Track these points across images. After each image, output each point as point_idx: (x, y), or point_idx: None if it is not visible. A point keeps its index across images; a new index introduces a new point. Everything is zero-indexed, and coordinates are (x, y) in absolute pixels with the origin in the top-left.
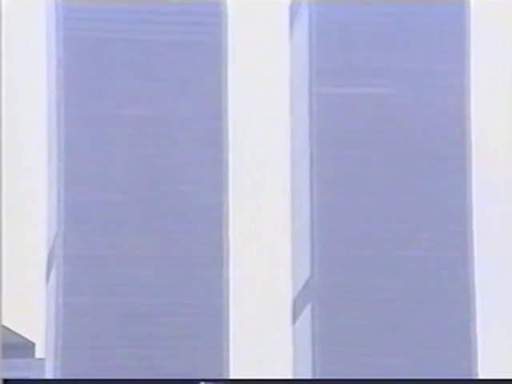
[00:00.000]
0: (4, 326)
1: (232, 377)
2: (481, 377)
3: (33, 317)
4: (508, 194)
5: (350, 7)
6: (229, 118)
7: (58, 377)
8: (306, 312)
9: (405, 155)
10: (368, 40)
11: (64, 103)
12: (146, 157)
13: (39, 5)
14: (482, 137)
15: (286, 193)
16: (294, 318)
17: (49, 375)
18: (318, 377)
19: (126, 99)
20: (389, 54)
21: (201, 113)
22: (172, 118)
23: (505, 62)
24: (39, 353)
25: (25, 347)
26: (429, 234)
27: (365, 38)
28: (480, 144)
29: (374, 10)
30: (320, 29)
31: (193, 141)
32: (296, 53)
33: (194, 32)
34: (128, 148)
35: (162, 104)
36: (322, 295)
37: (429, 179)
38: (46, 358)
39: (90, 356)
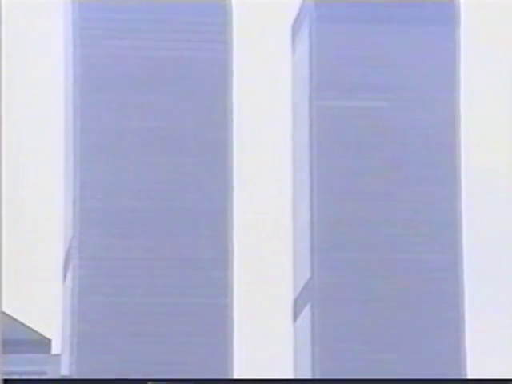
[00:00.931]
0: (22, 323)
1: (236, 372)
2: (469, 371)
3: (49, 315)
4: (496, 200)
5: (347, 27)
6: (234, 128)
7: (74, 371)
8: (306, 311)
9: (398, 164)
10: (364, 57)
11: (80, 116)
12: (156, 165)
13: (58, 25)
14: (470, 147)
15: (288, 199)
16: (295, 316)
17: (64, 370)
18: (317, 372)
19: (137, 112)
20: (384, 70)
21: (207, 124)
22: (180, 128)
23: (492, 79)
24: (55, 349)
25: (42, 343)
26: (421, 238)
27: (361, 56)
28: (469, 153)
29: (370, 30)
30: (320, 46)
31: (199, 150)
32: (298, 68)
33: (202, 49)
34: (139, 157)
35: (170, 116)
36: (322, 296)
37: (421, 187)
38: (62, 354)
39: (104, 351)
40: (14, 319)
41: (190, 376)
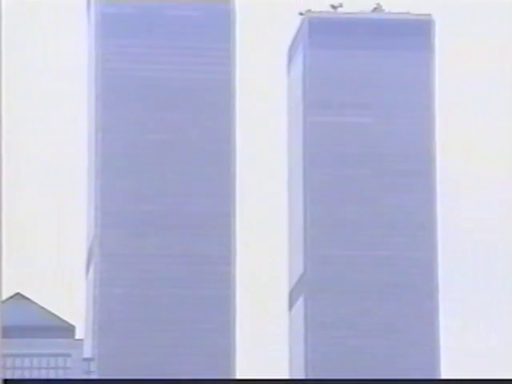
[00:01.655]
0: (50, 312)
1: (238, 355)
2: (442, 354)
3: (74, 304)
4: (467, 203)
5: (336, 53)
6: (236, 141)
7: (95, 354)
8: (300, 302)
9: (381, 172)
10: (351, 79)
11: (101, 130)
12: (167, 173)
13: (82, 49)
14: (444, 157)
15: (284, 203)
16: (290, 306)
17: (87, 353)
18: (309, 354)
19: (150, 126)
20: (368, 90)
21: (213, 137)
22: (189, 141)
23: (463, 98)
24: (79, 334)
25: (67, 329)
26: (401, 237)
27: (348, 78)
28: (444, 164)
29: (356, 56)
30: (312, 70)
31: (206, 160)
32: (293, 88)
33: (208, 71)
34: (152, 166)
35: (180, 130)
36: (313, 288)
37: (401, 192)
38: (85, 339)
39: (122, 336)
40: (43, 308)
41: (197, 357)
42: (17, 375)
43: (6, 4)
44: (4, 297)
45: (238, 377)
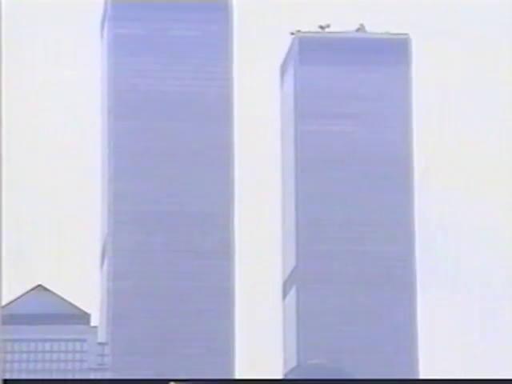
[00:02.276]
0: (68, 301)
1: (237, 340)
2: (419, 339)
3: (90, 295)
4: (441, 203)
5: (324, 68)
6: (234, 147)
7: (108, 339)
8: (293, 292)
9: (365, 175)
10: (337, 92)
11: (113, 138)
12: (171, 177)
13: (95, 66)
14: (421, 161)
15: (278, 205)
16: (284, 296)
17: (101, 338)
18: (301, 339)
19: (156, 135)
20: (353, 102)
21: (213, 144)
22: (191, 148)
23: (439, 108)
24: (94, 321)
25: (83, 317)
26: (383, 234)
27: (335, 91)
28: (420, 167)
29: (342, 71)
30: (302, 84)
31: (207, 165)
32: (285, 100)
33: (209, 85)
34: (159, 170)
35: (183, 138)
36: (304, 280)
37: (381, 193)
38: (99, 326)
39: (132, 324)
40: (62, 298)
41: (200, 341)
42: (38, 358)
43: (31, 28)
44: (27, 288)
45: (238, 377)
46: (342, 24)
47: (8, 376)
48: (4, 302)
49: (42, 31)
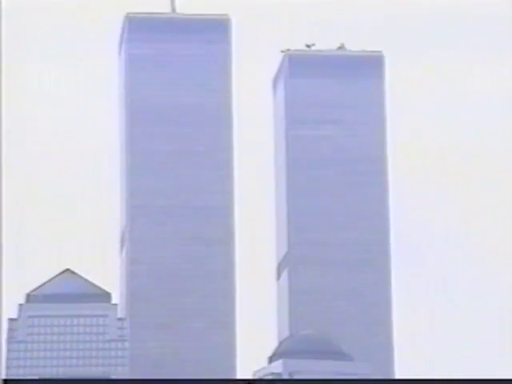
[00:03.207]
0: (91, 282)
1: (238, 314)
2: (393, 312)
3: (111, 276)
4: (413, 195)
5: (311, 81)
6: (234, 149)
7: (127, 315)
8: (285, 273)
9: (345, 173)
10: (322, 101)
11: (129, 141)
12: (180, 175)
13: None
14: (395, 160)
15: (272, 198)
16: (278, 276)
17: (120, 314)
18: (293, 314)
19: (167, 138)
20: (334, 109)
21: (216, 147)
22: (197, 150)
23: (410, 115)
24: (114, 299)
25: (104, 296)
26: (361, 223)
27: (320, 100)
28: (393, 165)
29: (326, 83)
30: (292, 94)
31: (210, 164)
32: (277, 108)
33: (210, 97)
34: (168, 169)
35: (190, 141)
36: (295, 263)
37: (360, 188)
38: (119, 303)
39: (147, 302)
40: (87, 280)
41: (205, 317)
42: (67, 331)
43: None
44: (56, 272)
45: (238, 346)
46: (325, 43)
47: (48, 349)
48: (38, 284)
49: (71, 52)
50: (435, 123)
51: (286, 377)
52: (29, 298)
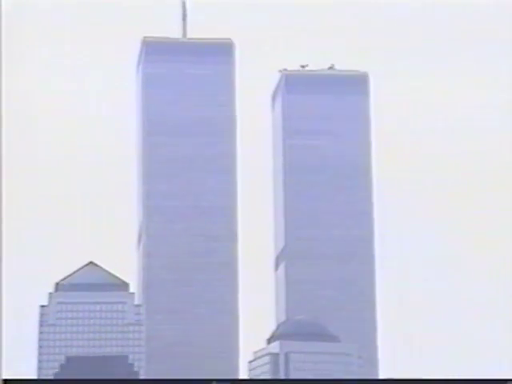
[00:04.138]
0: (111, 273)
1: (240, 301)
2: (378, 310)
3: (129, 268)
4: (394, 197)
5: (305, 96)
6: (237, 156)
7: (143, 302)
8: (282, 266)
9: (335, 177)
10: (315, 114)
11: (146, 149)
12: (191, 179)
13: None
14: (378, 167)
15: (270, 200)
16: (276, 268)
17: (137, 301)
18: (290, 302)
19: (178, 146)
20: (325, 122)
21: (220, 154)
22: (204, 156)
23: (390, 126)
24: (132, 288)
25: (122, 285)
26: (349, 221)
27: (313, 114)
28: (377, 170)
29: (318, 99)
30: (288, 108)
31: (217, 170)
32: (275, 121)
33: (217, 111)
34: (180, 174)
35: (198, 149)
36: (291, 256)
37: (347, 191)
38: (136, 292)
39: (161, 290)
40: (108, 271)
41: (211, 303)
42: (91, 316)
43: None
44: (81, 264)
45: (241, 330)
46: (318, 64)
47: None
48: (64, 275)
49: (95, 72)
50: (414, 133)
51: (282, 356)
52: (57, 287)
